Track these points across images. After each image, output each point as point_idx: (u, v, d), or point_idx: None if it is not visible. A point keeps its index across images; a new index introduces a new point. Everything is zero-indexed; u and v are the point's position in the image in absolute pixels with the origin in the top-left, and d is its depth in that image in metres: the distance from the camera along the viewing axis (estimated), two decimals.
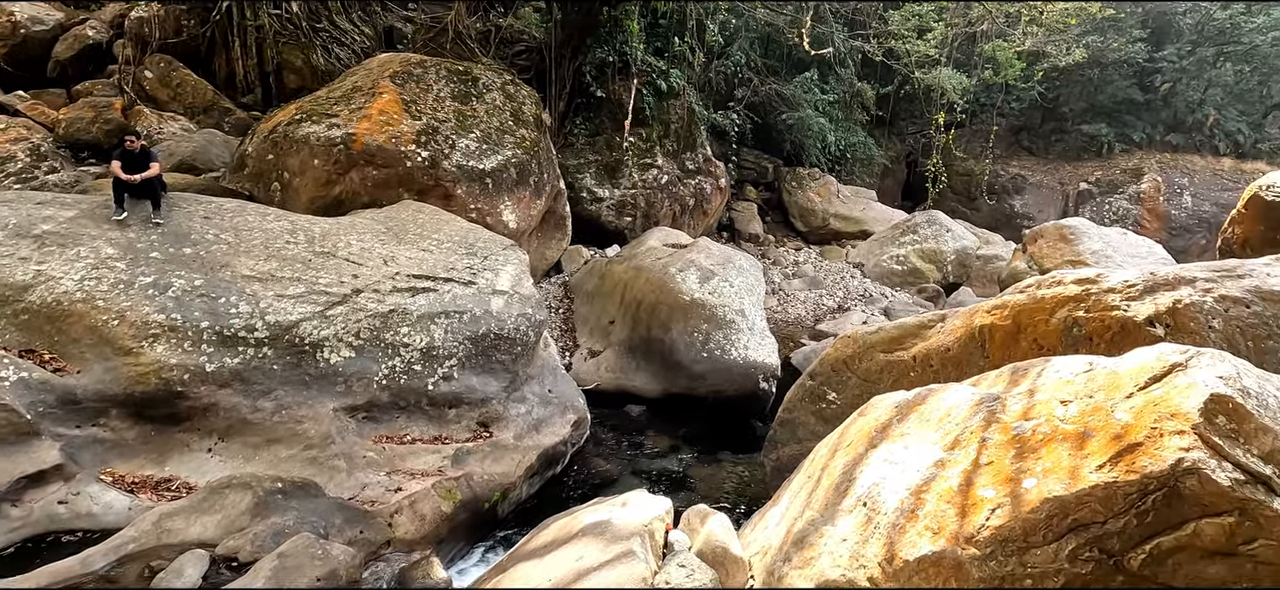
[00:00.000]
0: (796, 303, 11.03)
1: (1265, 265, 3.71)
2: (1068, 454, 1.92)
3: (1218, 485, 1.68)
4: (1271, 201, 5.56)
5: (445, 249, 5.81)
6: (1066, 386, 2.21)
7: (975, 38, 12.80)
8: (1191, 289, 3.57)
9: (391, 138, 6.89)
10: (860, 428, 3.02)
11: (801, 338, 9.79)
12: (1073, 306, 3.74)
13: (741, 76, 13.17)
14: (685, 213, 11.56)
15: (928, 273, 11.84)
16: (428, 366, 4.97)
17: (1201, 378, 1.85)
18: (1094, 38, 13.86)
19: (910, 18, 12.55)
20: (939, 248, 12.00)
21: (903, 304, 10.68)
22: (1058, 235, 9.86)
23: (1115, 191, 16.12)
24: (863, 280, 11.80)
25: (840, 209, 13.94)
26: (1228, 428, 1.75)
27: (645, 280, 8.02)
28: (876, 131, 16.22)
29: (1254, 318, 3.50)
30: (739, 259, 8.57)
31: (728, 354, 7.22)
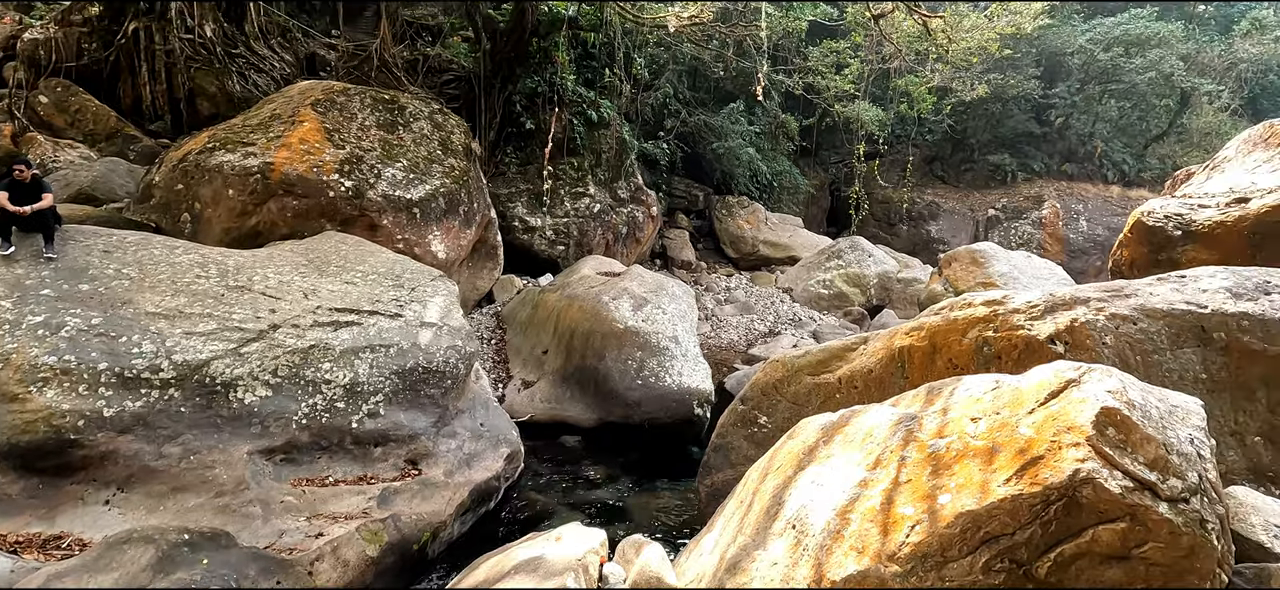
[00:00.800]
0: (729, 328, 11.22)
1: (1148, 285, 4.04)
2: (978, 469, 2.02)
3: (1110, 493, 1.80)
4: (1152, 226, 6.08)
5: (370, 281, 5.64)
6: (976, 404, 2.33)
7: (889, 74, 13.53)
8: (1086, 308, 3.85)
9: (313, 167, 6.67)
10: (789, 451, 3.08)
11: (735, 362, 9.95)
12: (982, 327, 3.96)
13: (670, 107, 13.45)
14: (618, 241, 11.64)
15: (853, 296, 12.29)
16: (352, 403, 4.78)
17: (1093, 392, 1.99)
18: (995, 75, 14.88)
19: (828, 55, 13.16)
20: (862, 272, 12.48)
21: (830, 327, 11.03)
22: (970, 259, 10.43)
23: (1020, 217, 17.22)
24: (792, 305, 12.12)
25: (769, 236, 14.33)
26: (1117, 438, 1.89)
27: (579, 309, 8.00)
28: (801, 161, 16.83)
29: (1140, 333, 3.79)
30: (672, 286, 8.66)
31: (662, 381, 7.25)
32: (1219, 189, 6.15)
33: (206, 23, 8.70)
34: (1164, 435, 1.91)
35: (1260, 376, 3.74)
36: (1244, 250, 5.72)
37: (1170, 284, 4.05)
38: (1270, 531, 2.29)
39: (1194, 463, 1.90)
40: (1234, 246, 5.81)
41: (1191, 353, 3.82)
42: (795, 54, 13.30)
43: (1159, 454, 1.86)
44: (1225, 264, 4.89)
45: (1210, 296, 3.87)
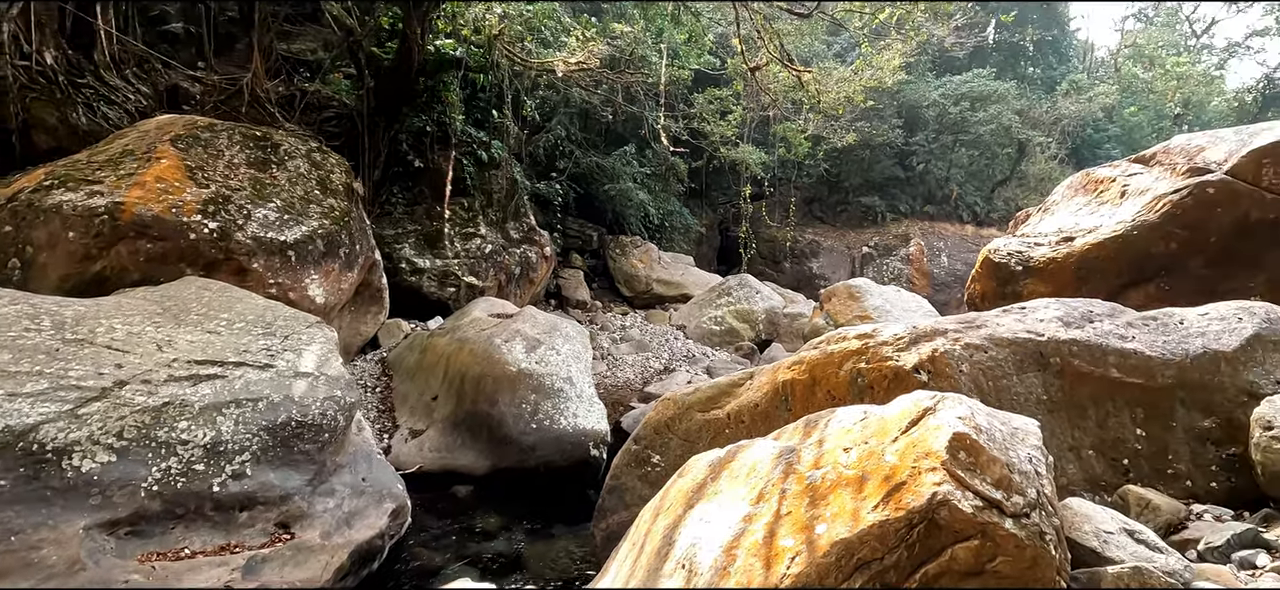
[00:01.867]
0: (625, 366, 11.29)
1: (995, 316, 4.47)
2: (851, 498, 2.13)
3: (963, 513, 1.96)
4: (998, 262, 6.77)
5: (237, 330, 5.23)
6: (847, 435, 2.47)
7: (769, 120, 14.37)
8: (944, 339, 4.19)
9: (171, 207, 6.14)
10: (679, 489, 3.12)
11: (631, 401, 10.00)
12: (856, 359, 4.22)
13: (563, 149, 13.56)
14: (511, 282, 11.48)
15: (743, 331, 12.74)
16: (213, 465, 4.37)
17: (946, 419, 2.17)
18: (863, 124, 16.17)
19: (713, 101, 13.80)
20: (751, 308, 12.98)
21: (723, 362, 11.36)
22: (847, 294, 11.13)
23: (890, 254, 18.61)
24: (686, 342, 12.40)
25: (662, 274, 14.64)
26: (968, 461, 2.06)
27: (470, 352, 7.78)
28: (692, 202, 17.42)
29: (990, 361, 4.17)
30: (565, 326, 8.63)
31: (557, 423, 7.16)
32: (1050, 229, 6.95)
33: (47, 49, 7.87)
34: (1007, 456, 2.11)
35: (1090, 396, 4.21)
36: (1072, 283, 6.47)
37: (1013, 315, 4.50)
38: (1100, 537, 2.56)
39: (1033, 479, 2.11)
40: (1065, 279, 6.56)
41: (1034, 377, 4.24)
42: (682, 101, 13.85)
43: (1003, 474, 2.05)
44: (1058, 295, 5.50)
45: (1046, 325, 4.33)
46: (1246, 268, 6.07)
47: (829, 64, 12.44)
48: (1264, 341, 4.24)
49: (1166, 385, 4.16)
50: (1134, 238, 6.23)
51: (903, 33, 9.24)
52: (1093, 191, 7.05)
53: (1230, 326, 4.33)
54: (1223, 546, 3.26)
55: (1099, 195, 6.90)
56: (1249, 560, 3.15)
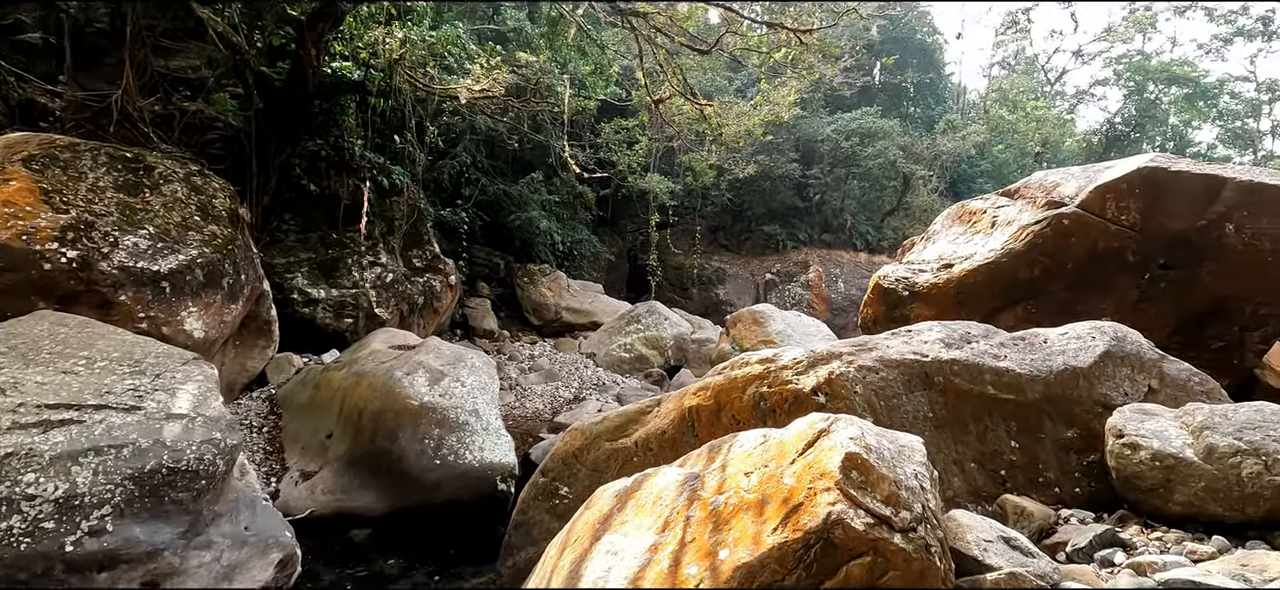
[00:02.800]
0: (534, 396, 11.09)
1: (885, 338, 4.73)
2: (752, 522, 2.17)
3: (856, 530, 2.04)
4: (887, 288, 7.20)
5: (98, 369, 4.74)
6: (749, 459, 2.53)
7: (674, 151, 14.74)
8: (840, 362, 4.39)
9: (21, 234, 5.54)
10: (586, 521, 3.08)
11: (541, 431, 9.82)
12: (758, 384, 4.34)
13: (469, 176, 13.32)
14: (414, 312, 11.08)
15: (652, 358, 12.84)
16: (65, 521, 3.92)
17: (839, 440, 2.26)
18: (763, 157, 16.89)
19: (619, 131, 14.01)
20: (660, 334, 13.13)
21: (633, 390, 11.39)
22: (752, 319, 11.48)
23: (792, 280, 19.39)
24: (596, 370, 12.34)
25: (571, 302, 14.57)
26: (859, 480, 2.15)
27: (368, 386, 7.41)
28: (600, 230, 17.51)
29: (882, 382, 4.40)
30: (471, 357, 8.39)
31: (463, 458, 6.91)
32: (932, 256, 7.48)
33: None
34: (895, 473, 2.22)
35: (970, 412, 4.52)
36: (953, 306, 6.96)
37: (901, 338, 4.78)
38: (981, 546, 2.74)
39: (918, 494, 2.23)
40: (946, 303, 7.05)
41: (920, 396, 4.51)
42: (589, 130, 13.96)
43: (892, 491, 2.15)
44: (941, 318, 5.90)
45: (930, 346, 4.63)
46: (1098, 291, 6.75)
47: (730, 98, 12.95)
48: (1114, 358, 4.72)
49: (1035, 400, 4.53)
50: (1004, 264, 6.80)
51: (797, 71, 9.75)
52: (968, 222, 7.66)
53: (1086, 345, 4.79)
54: (1086, 547, 3.56)
55: (973, 225, 7.50)
56: (1108, 558, 3.46)
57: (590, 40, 12.20)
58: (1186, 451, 3.79)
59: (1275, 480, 3.56)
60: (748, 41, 8.74)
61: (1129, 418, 4.10)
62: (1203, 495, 3.70)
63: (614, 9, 7.49)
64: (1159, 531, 3.77)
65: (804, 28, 7.92)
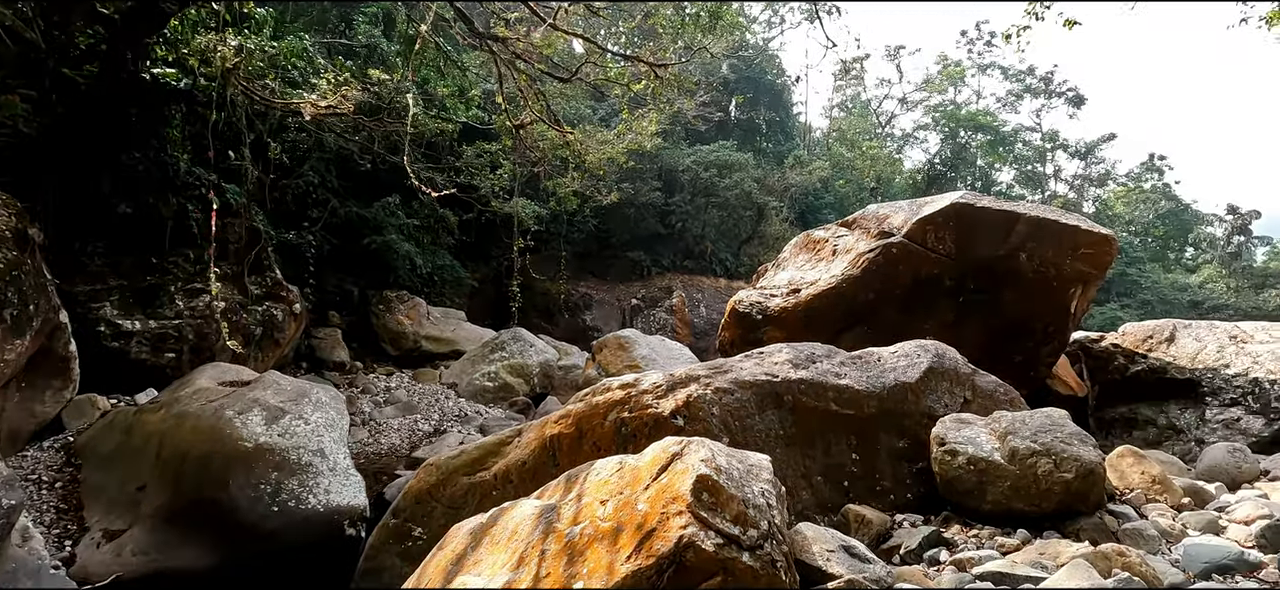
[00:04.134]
0: (390, 431, 10.45)
1: (739, 361, 4.94)
2: (606, 551, 2.15)
3: (706, 552, 2.08)
4: (742, 312, 7.57)
5: None
6: (605, 487, 2.52)
7: (538, 176, 14.67)
8: (697, 385, 4.52)
9: None
10: (438, 563, 2.91)
11: (397, 468, 9.26)
12: (620, 409, 4.36)
13: (316, 196, 12.44)
14: (251, 344, 10.09)
15: (517, 386, 12.56)
16: None
17: (691, 463, 2.31)
18: (627, 184, 17.26)
19: (482, 155, 13.74)
20: (525, 362, 12.88)
21: (497, 419, 11.05)
22: (617, 344, 11.58)
23: (656, 305, 19.84)
24: (458, 400, 11.87)
25: (431, 330, 13.96)
26: (710, 502, 2.20)
27: (192, 429, 6.62)
28: (464, 255, 16.97)
29: (737, 403, 4.58)
30: (317, 392, 7.77)
31: (306, 502, 6.34)
32: (782, 282, 7.96)
33: None
34: (743, 492, 2.30)
35: (816, 428, 4.80)
36: (801, 328, 7.42)
37: (754, 359, 5.02)
38: (824, 556, 2.90)
39: (765, 512, 2.32)
40: (795, 326, 7.51)
41: (772, 414, 4.74)
42: (450, 152, 13.57)
43: (740, 510, 2.22)
44: (790, 340, 6.25)
45: (779, 367, 4.89)
46: (923, 312, 7.49)
47: (592, 126, 13.14)
48: (936, 373, 5.23)
49: (872, 414, 4.91)
50: (844, 289, 7.38)
51: (657, 103, 10.08)
52: (813, 250, 8.24)
53: (913, 361, 5.28)
54: (917, 548, 3.89)
55: (817, 253, 8.09)
56: (935, 557, 3.79)
57: (451, 62, 11.89)
58: (995, 455, 4.26)
59: (1064, 476, 4.09)
60: (608, 73, 8.92)
61: (949, 427, 4.54)
62: (1009, 493, 4.16)
63: (471, 31, 7.35)
64: (976, 528, 4.19)
65: (660, 62, 8.22)
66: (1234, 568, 3.42)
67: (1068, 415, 4.62)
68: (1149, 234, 32.22)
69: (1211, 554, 3.51)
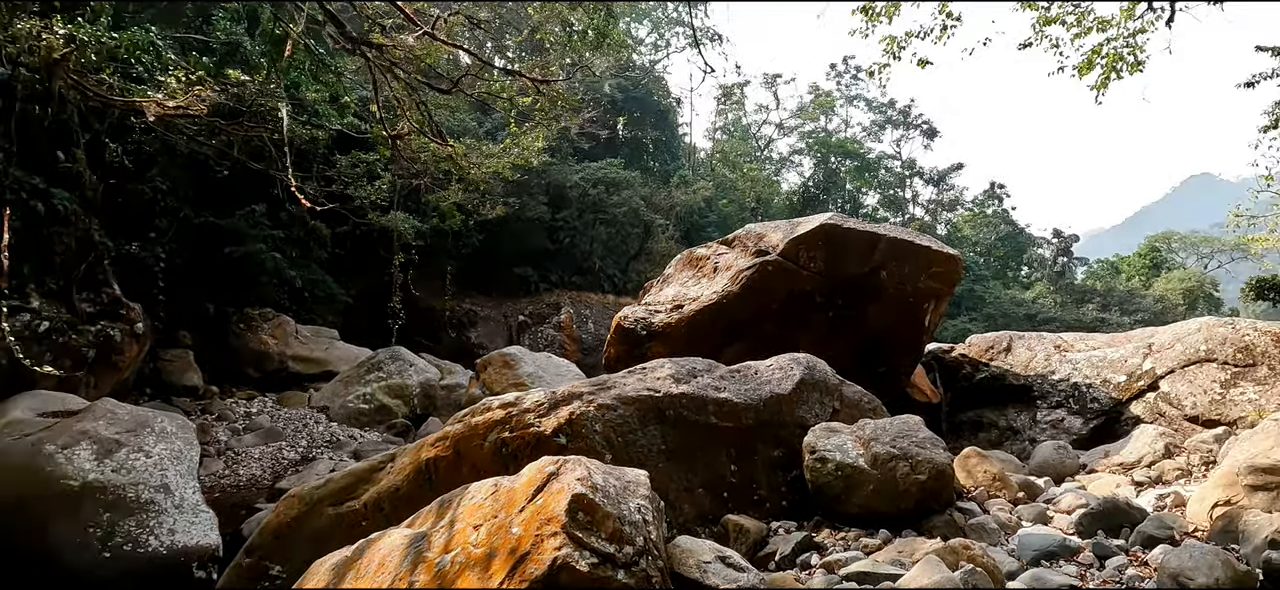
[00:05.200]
0: (250, 461, 9.61)
1: (622, 377, 4.97)
2: (477, 578, 2.08)
3: (581, 572, 2.06)
4: (627, 328, 7.64)
5: None
6: (479, 511, 2.43)
7: (420, 189, 14.14)
8: (580, 402, 4.50)
9: None
10: None
11: (258, 501, 8.52)
12: (500, 429, 4.25)
13: (165, 205, 11.30)
14: (83, 367, 8.95)
15: (396, 408, 11.96)
16: None
17: (567, 482, 2.28)
18: (514, 198, 17.01)
19: (358, 164, 13.07)
20: (405, 382, 12.30)
21: (372, 443, 10.45)
22: (502, 362, 11.31)
23: (544, 322, 19.65)
24: (329, 425, 11.11)
25: (300, 350, 13.04)
26: (585, 521, 2.18)
27: (2, 468, 5.75)
28: (338, 269, 16.01)
29: (620, 419, 4.60)
30: (160, 421, 7.00)
31: (146, 545, 5.67)
32: (667, 298, 8.12)
33: None
34: (619, 510, 2.30)
35: (698, 441, 4.91)
36: (685, 343, 7.58)
37: (636, 375, 5.06)
38: (701, 568, 2.95)
39: (641, 528, 2.33)
40: (679, 341, 7.67)
41: (655, 429, 4.79)
42: (323, 161, 12.78)
43: (616, 527, 2.22)
44: (674, 356, 6.37)
45: (661, 382, 4.96)
46: (798, 326, 7.89)
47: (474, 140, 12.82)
48: (808, 384, 5.51)
49: (750, 425, 5.09)
50: (725, 305, 7.63)
51: (544, 119, 10.02)
52: (696, 266, 8.48)
53: (787, 374, 5.53)
54: (790, 554, 4.06)
55: (700, 270, 8.33)
56: (806, 561, 3.98)
57: (324, 66, 11.22)
58: (860, 460, 4.53)
59: (919, 477, 4.42)
60: (491, 86, 8.75)
61: (819, 435, 4.79)
62: (872, 496, 4.45)
63: (342, 35, 6.98)
64: (843, 531, 4.44)
65: (545, 78, 8.18)
66: (1058, 553, 3.83)
67: (922, 421, 5.01)
68: (991, 254, 35.84)
69: (1040, 542, 3.92)
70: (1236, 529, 3.68)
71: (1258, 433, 4.61)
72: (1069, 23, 6.60)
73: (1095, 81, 6.66)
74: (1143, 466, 5.84)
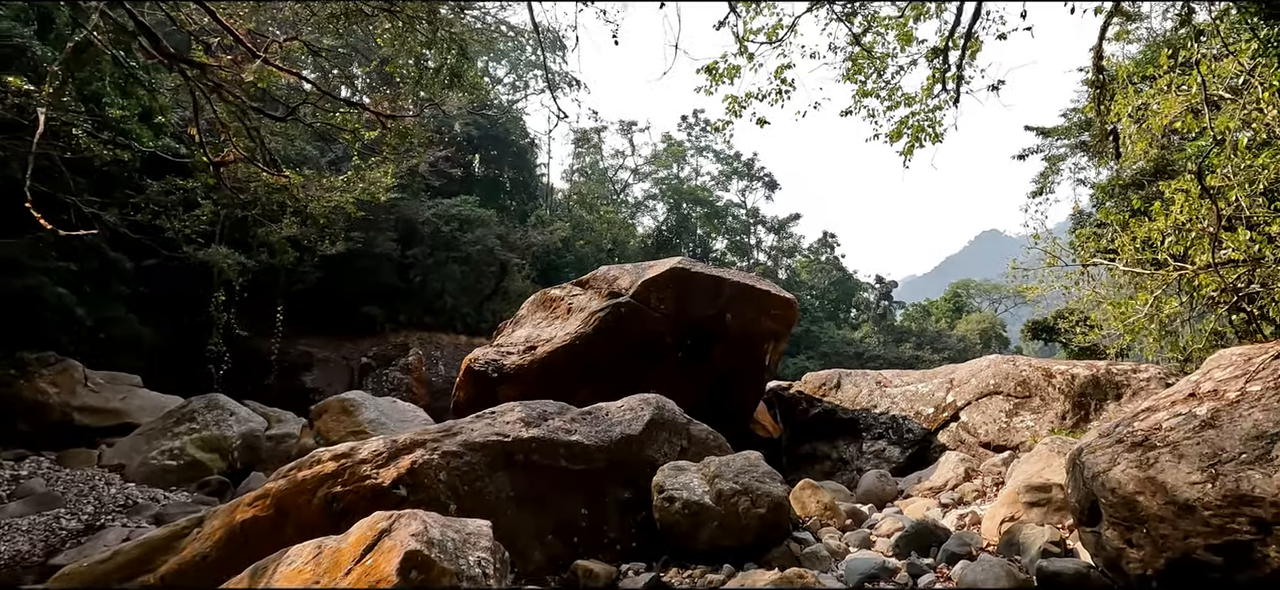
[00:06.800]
0: (16, 534, 8.07)
1: (469, 422, 4.80)
2: None
3: None
4: (477, 370, 7.41)
5: None
6: (298, 577, 2.22)
7: (248, 221, 12.93)
8: (423, 450, 4.28)
9: None
10: None
11: (26, 580, 7.16)
12: (332, 483, 3.92)
13: None
14: None
15: (211, 464, 10.65)
16: None
17: (400, 539, 2.15)
18: (360, 234, 16.04)
19: (173, 191, 11.74)
20: (223, 433, 11.01)
21: (179, 506, 9.18)
22: (340, 408, 10.48)
23: (390, 364, 18.54)
24: (124, 486, 9.63)
25: (89, 400, 11.28)
26: (419, 579, 2.06)
27: None
28: (145, 308, 14.13)
29: (466, 466, 4.42)
30: None
31: None
32: (520, 339, 7.99)
33: None
34: (458, 565, 2.20)
35: (548, 486, 4.83)
36: (538, 385, 7.49)
37: (485, 420, 4.91)
38: None
39: (481, 582, 2.24)
40: (532, 383, 7.55)
41: (503, 475, 4.66)
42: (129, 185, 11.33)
43: (454, 582, 2.12)
44: (526, 398, 6.25)
45: (511, 426, 4.86)
46: (650, 367, 8.07)
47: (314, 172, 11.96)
48: (657, 424, 5.63)
49: (601, 468, 5.10)
50: (578, 346, 7.65)
51: (395, 154, 9.59)
52: (550, 307, 8.44)
53: (637, 414, 5.63)
54: None
55: (553, 311, 8.30)
56: None
57: (134, 80, 10.02)
58: (706, 498, 4.69)
59: (759, 511, 4.64)
60: (333, 116, 8.25)
61: (667, 474, 4.90)
62: (717, 532, 4.60)
63: (156, 48, 6.28)
64: (691, 568, 4.55)
65: (393, 113, 7.86)
66: (878, 575, 4.18)
67: (763, 456, 5.29)
68: (825, 297, 39.07)
69: (864, 566, 4.25)
70: (1018, 541, 4.23)
71: (1033, 455, 5.35)
72: (882, 96, 7.49)
73: (903, 148, 7.57)
74: (948, 489, 6.55)
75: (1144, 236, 6.12)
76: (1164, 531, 3.04)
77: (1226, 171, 5.49)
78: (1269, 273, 5.31)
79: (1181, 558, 2.99)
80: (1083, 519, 3.59)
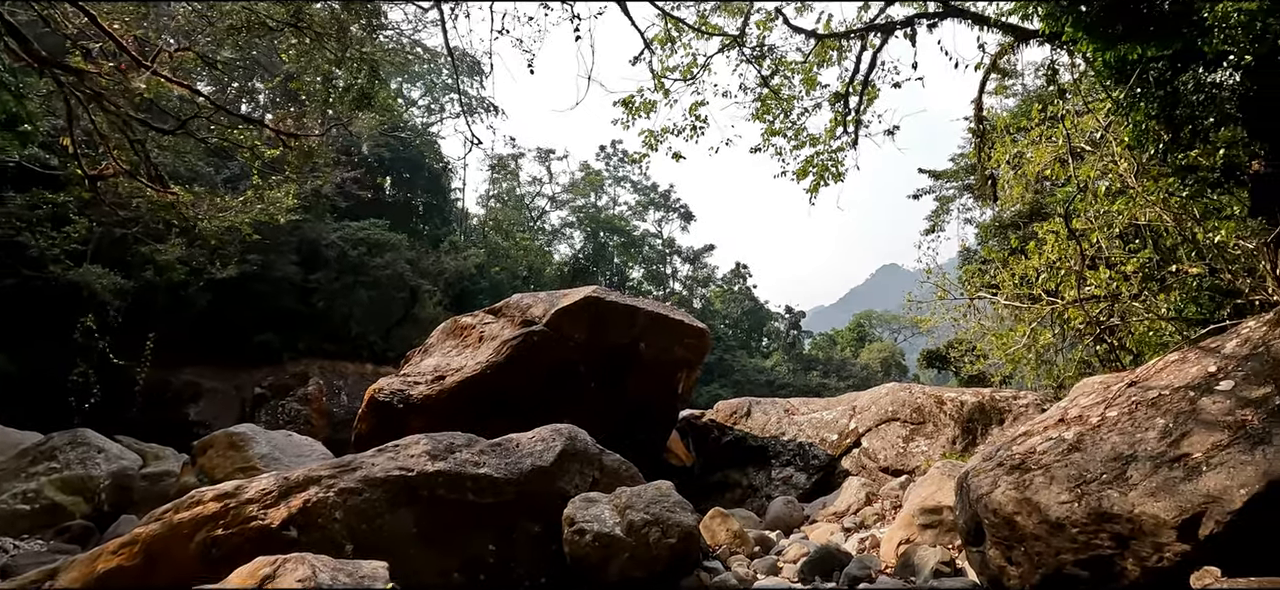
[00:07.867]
0: None
1: (370, 457, 4.57)
2: None
3: None
4: (382, 401, 7.09)
5: None
6: None
7: (129, 240, 11.92)
8: (318, 487, 4.03)
9: None
10: None
11: None
12: (213, 526, 3.62)
13: None
14: None
15: (73, 507, 9.59)
16: None
17: (284, 586, 2.01)
18: (257, 256, 15.12)
19: (39, 205, 10.69)
20: (89, 473, 9.98)
21: (31, 557, 8.19)
22: (228, 442, 9.73)
23: (287, 394, 17.46)
24: None
25: None
26: None
27: None
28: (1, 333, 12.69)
29: (365, 503, 4.20)
30: None
31: None
32: (428, 368, 7.73)
33: None
34: None
35: (455, 522, 4.66)
36: (447, 417, 7.24)
37: (387, 453, 4.70)
38: None
39: None
40: (440, 413, 7.30)
41: (406, 511, 4.46)
42: None
43: None
44: (434, 430, 6.03)
45: (416, 460, 4.66)
46: (564, 396, 7.99)
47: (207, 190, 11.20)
48: (569, 455, 5.55)
49: (511, 500, 4.96)
50: (490, 375, 7.48)
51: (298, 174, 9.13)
52: (460, 335, 8.22)
53: (549, 445, 5.53)
54: None
55: (465, 339, 8.09)
56: None
57: None
58: (617, 529, 4.65)
59: (669, 541, 4.65)
60: (229, 132, 7.78)
61: (578, 506, 4.83)
62: (629, 563, 4.56)
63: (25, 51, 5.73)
64: None
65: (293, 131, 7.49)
66: None
67: (674, 486, 5.31)
68: (738, 326, 40.07)
69: None
70: (912, 562, 4.43)
71: (927, 479, 5.65)
72: (789, 135, 7.85)
73: (809, 186, 7.95)
74: (851, 514, 6.80)
75: (1021, 273, 6.67)
76: (1039, 549, 3.27)
77: (1089, 215, 6.08)
78: (1125, 307, 5.89)
79: (1054, 573, 3.22)
80: (969, 539, 3.81)
